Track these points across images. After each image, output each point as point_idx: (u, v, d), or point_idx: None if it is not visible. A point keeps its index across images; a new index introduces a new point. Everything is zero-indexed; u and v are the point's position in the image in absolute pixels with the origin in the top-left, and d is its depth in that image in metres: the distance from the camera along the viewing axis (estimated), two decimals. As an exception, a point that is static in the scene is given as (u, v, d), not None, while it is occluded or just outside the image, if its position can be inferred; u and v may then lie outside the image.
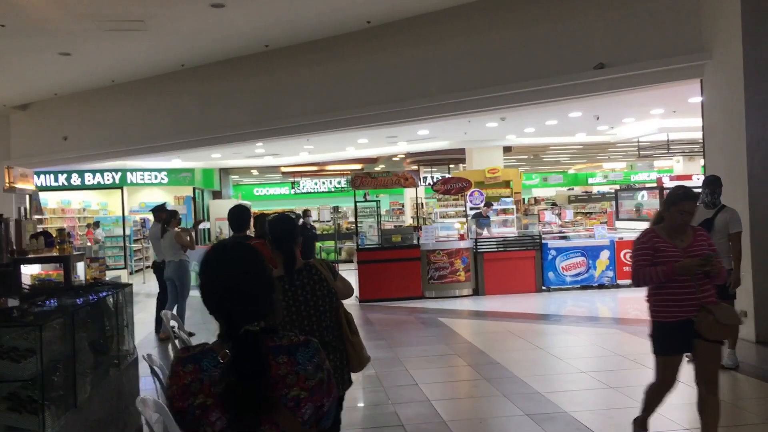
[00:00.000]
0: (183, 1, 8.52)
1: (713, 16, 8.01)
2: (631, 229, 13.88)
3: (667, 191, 4.19)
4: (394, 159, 23.91)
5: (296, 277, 3.29)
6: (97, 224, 19.06)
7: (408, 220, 24.65)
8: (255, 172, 29.04)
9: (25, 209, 9.78)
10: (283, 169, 25.32)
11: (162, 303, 9.71)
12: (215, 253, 1.87)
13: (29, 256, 7.41)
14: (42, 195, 13.50)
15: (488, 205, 14.01)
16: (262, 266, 1.85)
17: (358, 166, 24.36)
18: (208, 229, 21.82)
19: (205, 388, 1.69)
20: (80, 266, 7.54)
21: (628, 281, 12.37)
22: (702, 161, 20.29)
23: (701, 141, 8.84)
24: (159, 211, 9.89)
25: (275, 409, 1.68)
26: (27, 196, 9.99)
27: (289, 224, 3.41)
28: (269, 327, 1.79)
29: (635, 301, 11.24)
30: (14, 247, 7.60)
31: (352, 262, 14.78)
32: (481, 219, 13.63)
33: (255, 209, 18.82)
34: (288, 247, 3.33)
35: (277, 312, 1.84)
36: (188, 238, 9.53)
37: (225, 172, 25.52)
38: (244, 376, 1.66)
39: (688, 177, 18.00)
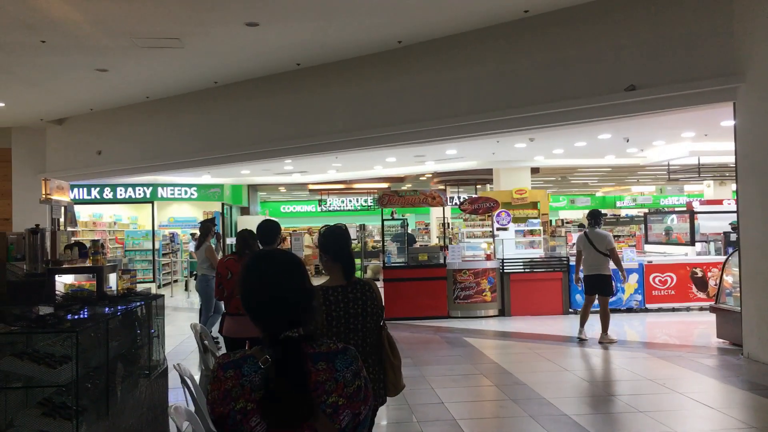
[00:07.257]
0: (219, 20, 8.70)
1: (747, 39, 7.95)
2: (661, 253, 13.69)
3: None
4: (421, 178, 23.97)
5: (350, 290, 3.27)
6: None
7: (434, 239, 24.64)
8: (282, 189, 29.28)
9: (59, 221, 9.95)
10: (311, 187, 25.53)
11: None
12: (258, 261, 1.90)
13: (63, 266, 7.55)
14: (75, 208, 13.72)
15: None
16: (303, 275, 1.88)
17: (385, 185, 24.49)
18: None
19: (246, 393, 1.72)
20: (112, 277, 7.64)
21: (657, 305, 12.23)
22: (733, 186, 19.94)
23: (733, 165, 8.75)
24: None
25: (314, 415, 1.71)
26: (62, 208, 10.17)
27: (345, 235, 3.44)
28: (308, 334, 1.82)
29: (664, 326, 11.10)
30: (49, 257, 7.76)
31: (378, 280, 14.79)
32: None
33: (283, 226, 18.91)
34: (347, 255, 3.34)
35: (316, 319, 1.88)
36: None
37: (253, 188, 25.78)
38: (284, 382, 1.70)
39: (719, 201, 17.78)
